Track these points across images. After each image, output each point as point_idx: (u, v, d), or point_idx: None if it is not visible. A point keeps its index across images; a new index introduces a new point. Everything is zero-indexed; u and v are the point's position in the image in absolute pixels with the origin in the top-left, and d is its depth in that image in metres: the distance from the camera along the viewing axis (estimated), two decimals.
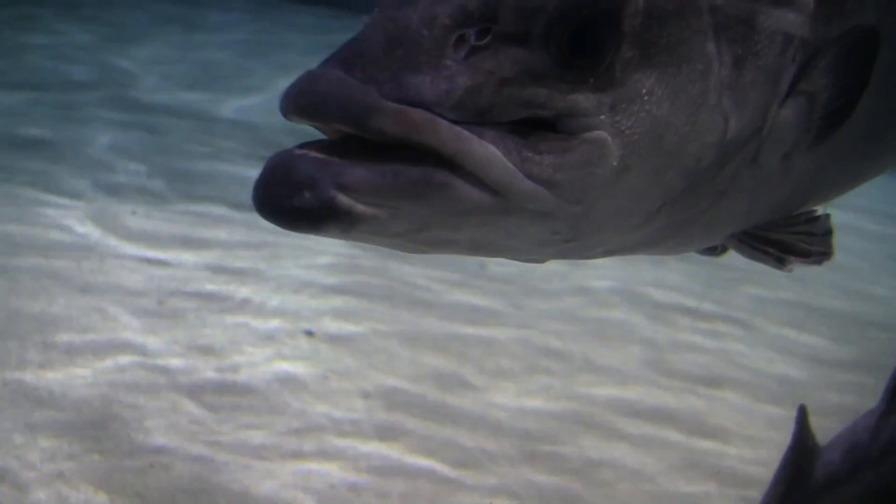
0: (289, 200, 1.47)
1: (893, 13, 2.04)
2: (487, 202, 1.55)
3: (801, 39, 1.85)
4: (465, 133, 1.52)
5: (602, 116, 1.62)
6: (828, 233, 2.10)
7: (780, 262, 2.06)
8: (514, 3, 1.57)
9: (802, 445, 2.56)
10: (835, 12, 1.91)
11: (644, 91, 1.66)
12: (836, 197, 2.24)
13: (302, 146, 1.52)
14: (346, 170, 1.48)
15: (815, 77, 1.88)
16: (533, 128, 1.58)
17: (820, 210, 2.12)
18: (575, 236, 1.71)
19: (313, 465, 4.09)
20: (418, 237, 1.58)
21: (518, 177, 1.55)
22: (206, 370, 4.61)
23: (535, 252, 1.75)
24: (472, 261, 6.00)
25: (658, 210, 1.79)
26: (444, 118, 1.51)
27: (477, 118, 1.53)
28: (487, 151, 1.53)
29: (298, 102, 1.51)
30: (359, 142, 1.52)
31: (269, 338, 4.91)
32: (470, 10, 1.56)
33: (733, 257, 2.26)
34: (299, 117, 1.53)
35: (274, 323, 5.09)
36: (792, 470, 2.55)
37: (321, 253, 6.11)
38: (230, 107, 8.90)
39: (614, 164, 1.64)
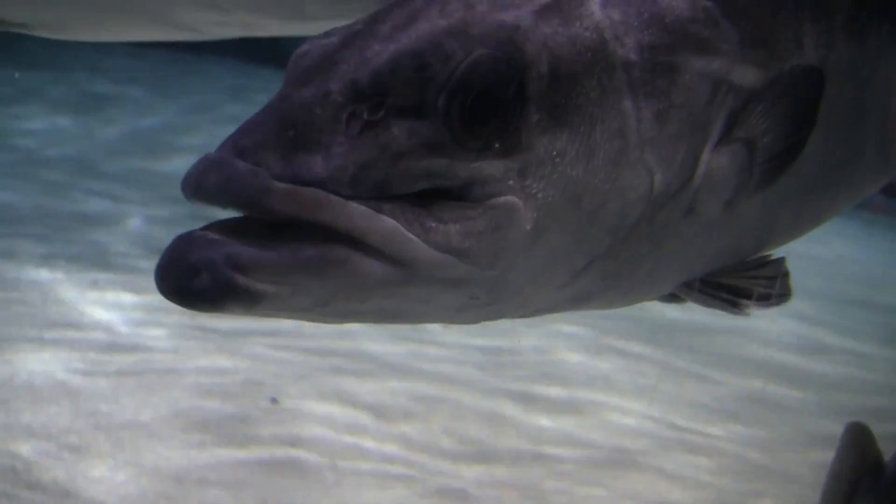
0: (187, 282, 1.49)
1: (837, 50, 2.00)
2: (392, 274, 1.56)
3: (730, 86, 1.82)
4: (361, 208, 1.52)
5: (510, 182, 1.62)
6: (784, 275, 2.06)
7: (735, 308, 2.03)
8: (406, 75, 1.57)
9: (863, 463, 2.61)
10: (768, 56, 1.88)
11: (555, 153, 1.65)
12: (794, 239, 2.20)
13: (205, 227, 1.55)
14: (242, 250, 1.49)
15: (752, 122, 1.85)
16: (438, 198, 1.59)
17: (774, 254, 2.08)
18: (496, 299, 1.71)
19: None
20: (325, 310, 1.59)
21: (421, 247, 1.55)
22: None
23: (456, 317, 1.75)
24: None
25: (586, 267, 1.78)
26: (340, 195, 1.52)
27: (374, 193, 1.54)
28: (386, 225, 1.53)
29: (192, 188, 1.53)
30: (264, 221, 1.55)
31: None
32: (361, 85, 1.56)
33: None
34: (197, 201, 1.55)
35: None
36: (849, 486, 2.62)
37: None
38: None
39: (528, 227, 1.64)
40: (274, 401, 4.39)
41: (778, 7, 1.90)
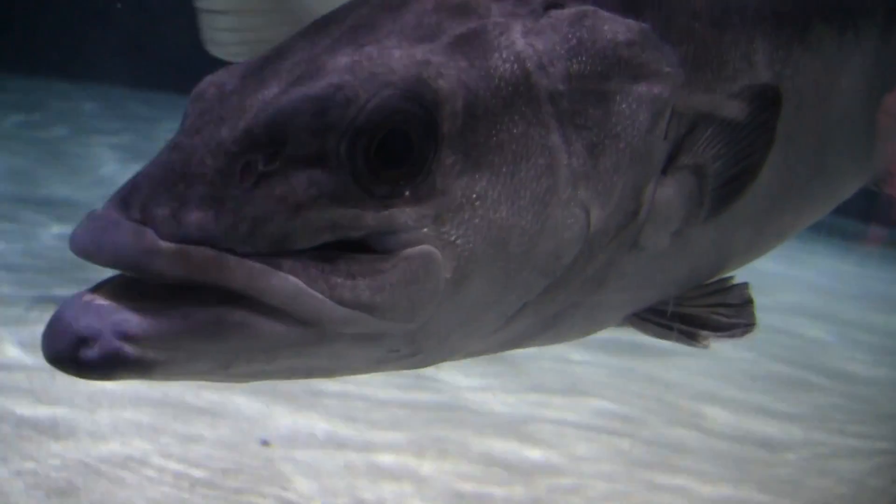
0: (73, 352, 1.38)
1: (794, 64, 1.87)
2: (297, 334, 1.45)
3: (673, 112, 1.70)
4: (258, 267, 1.41)
5: (425, 230, 1.50)
6: (747, 302, 1.93)
7: (691, 339, 1.91)
8: (302, 122, 1.45)
9: None
10: (715, 78, 1.76)
11: (474, 196, 1.53)
12: (756, 258, 2.08)
13: (93, 289, 1.44)
14: (129, 318, 1.39)
15: (700, 148, 1.73)
16: (345, 250, 1.48)
17: (736, 279, 1.96)
18: (419, 350, 1.60)
19: None
20: (228, 372, 1.49)
21: (327, 305, 1.44)
22: None
23: (376, 368, 1.65)
24: None
25: (520, 310, 1.67)
26: (236, 252, 1.41)
27: (273, 248, 1.43)
28: (286, 283, 1.42)
29: (76, 246, 1.43)
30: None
31: None
32: (256, 134, 1.45)
33: None
34: (86, 260, 1.45)
35: None
36: None
37: None
38: None
39: (447, 276, 1.52)
40: (265, 442, 4.17)
41: (724, 25, 1.78)
